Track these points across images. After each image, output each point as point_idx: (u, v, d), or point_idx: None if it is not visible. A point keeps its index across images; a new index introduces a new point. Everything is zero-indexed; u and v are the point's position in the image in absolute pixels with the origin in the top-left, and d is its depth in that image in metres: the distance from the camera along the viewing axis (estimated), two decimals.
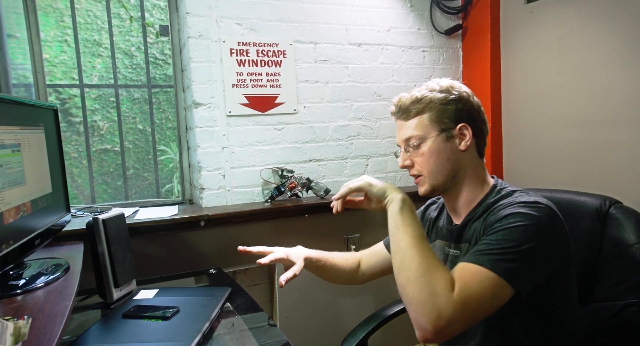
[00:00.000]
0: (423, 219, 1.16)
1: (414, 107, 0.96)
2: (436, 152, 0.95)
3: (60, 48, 2.17)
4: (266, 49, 1.82)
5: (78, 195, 2.32)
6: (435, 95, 0.95)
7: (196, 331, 0.97)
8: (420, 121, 0.95)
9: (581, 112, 1.80)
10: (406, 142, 0.98)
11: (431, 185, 0.97)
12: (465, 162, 0.96)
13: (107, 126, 2.13)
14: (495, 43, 2.10)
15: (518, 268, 0.79)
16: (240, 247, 1.14)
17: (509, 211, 0.85)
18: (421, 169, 0.97)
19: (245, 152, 1.81)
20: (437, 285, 0.77)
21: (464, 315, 0.76)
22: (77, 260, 1.17)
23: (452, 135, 0.95)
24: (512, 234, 0.81)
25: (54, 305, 0.85)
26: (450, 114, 0.94)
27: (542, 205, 0.84)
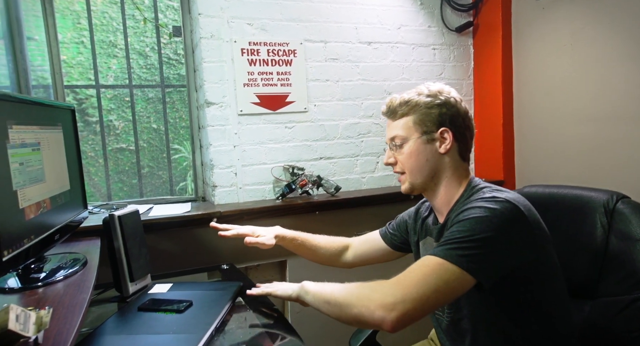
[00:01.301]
0: (416, 216, 1.19)
1: (401, 108, 1.01)
2: (416, 153, 1.00)
3: (77, 49, 2.22)
4: (277, 48, 1.84)
5: (95, 193, 2.37)
6: (421, 98, 1.00)
7: (208, 324, 1.00)
8: (405, 122, 1.01)
9: (593, 108, 1.79)
10: (391, 140, 1.04)
11: (410, 184, 1.04)
12: (444, 164, 1.01)
13: (123, 125, 2.18)
14: (507, 40, 2.09)
15: (471, 255, 0.81)
16: (212, 224, 1.28)
17: (466, 206, 0.89)
18: (402, 167, 1.03)
19: (257, 150, 1.83)
20: (370, 285, 0.84)
21: (409, 295, 0.78)
22: (94, 255, 1.21)
23: (433, 138, 1.00)
24: (466, 225, 0.85)
25: (73, 297, 0.89)
26: (433, 118, 0.99)
27: (501, 199, 0.87)
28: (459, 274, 0.80)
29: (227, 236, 1.26)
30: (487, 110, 2.20)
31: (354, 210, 1.90)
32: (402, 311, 0.78)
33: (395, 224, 1.28)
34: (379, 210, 1.94)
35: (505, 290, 0.90)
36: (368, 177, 2.04)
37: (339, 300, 0.87)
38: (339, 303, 0.87)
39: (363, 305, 0.81)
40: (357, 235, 1.92)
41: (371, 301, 0.81)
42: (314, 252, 1.31)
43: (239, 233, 1.26)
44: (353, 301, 0.84)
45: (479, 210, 0.86)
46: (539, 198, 1.27)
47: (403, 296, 0.78)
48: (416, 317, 0.79)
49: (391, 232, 1.28)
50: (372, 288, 0.84)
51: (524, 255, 0.86)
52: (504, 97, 2.11)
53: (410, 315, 0.78)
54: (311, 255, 1.33)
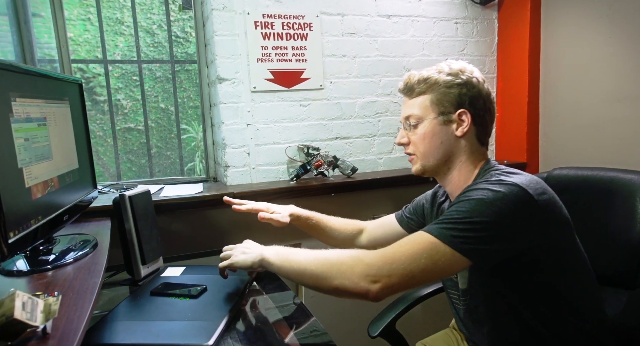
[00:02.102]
0: (433, 200, 1.14)
1: (419, 86, 0.96)
2: (430, 134, 0.95)
3: (83, 27, 2.15)
4: (292, 21, 1.75)
5: (104, 172, 2.34)
6: (441, 77, 0.94)
7: (224, 310, 0.95)
8: (421, 101, 0.95)
9: (629, 86, 1.67)
10: (405, 119, 0.99)
11: (422, 166, 0.98)
12: (459, 148, 0.96)
13: (131, 105, 2.12)
14: (536, 12, 1.96)
15: (466, 237, 0.78)
16: (226, 198, 1.23)
17: (470, 187, 0.86)
18: (415, 149, 0.98)
19: (270, 129, 1.76)
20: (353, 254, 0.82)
21: (395, 270, 0.77)
22: (105, 236, 1.16)
23: (450, 120, 0.94)
24: (465, 206, 0.81)
25: (83, 282, 0.84)
26: (451, 98, 0.93)
27: (508, 182, 0.82)
28: (450, 255, 0.78)
29: (241, 210, 1.22)
30: (511, 88, 2.10)
31: (370, 192, 1.84)
32: (386, 284, 0.77)
33: (412, 208, 1.23)
34: (396, 193, 1.88)
35: (516, 275, 0.85)
36: (385, 158, 1.97)
37: (315, 271, 0.84)
38: (315, 275, 0.84)
39: (345, 277, 0.80)
40: (372, 218, 1.87)
41: (354, 273, 0.79)
42: (328, 234, 1.27)
43: (253, 208, 1.22)
44: (333, 273, 0.82)
45: (482, 192, 0.82)
46: (570, 181, 1.20)
47: (389, 270, 0.78)
48: (400, 290, 0.80)
49: (408, 215, 1.23)
50: (356, 258, 0.81)
51: (531, 239, 0.81)
52: (530, 74, 2.00)
53: (395, 289, 0.78)
54: (325, 237, 1.29)
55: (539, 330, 0.88)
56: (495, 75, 2.16)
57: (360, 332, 1.62)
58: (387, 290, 0.77)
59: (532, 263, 0.84)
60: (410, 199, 1.90)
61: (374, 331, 1.19)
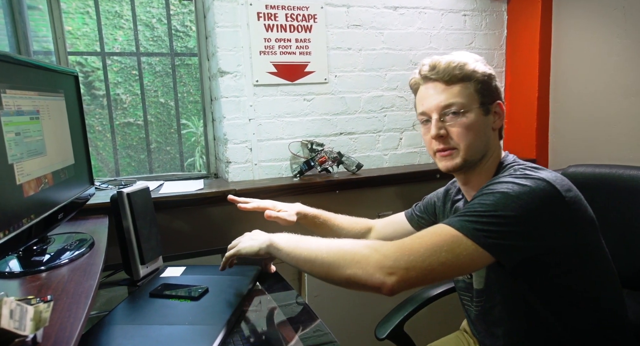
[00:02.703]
0: (445, 198, 1.10)
1: (460, 71, 0.87)
2: (477, 125, 0.88)
3: (82, 20, 2.10)
4: (295, 13, 1.69)
5: (103, 168, 2.29)
6: (479, 65, 0.89)
7: (226, 313, 0.91)
8: (464, 88, 0.88)
9: None
10: (444, 108, 0.88)
11: (464, 160, 0.89)
12: (493, 141, 0.93)
13: (130, 99, 2.08)
14: (547, 4, 1.90)
15: (490, 231, 0.73)
16: (230, 196, 1.19)
17: (494, 180, 0.81)
18: (458, 141, 0.89)
19: (273, 124, 1.71)
20: (368, 244, 0.77)
21: (413, 262, 0.72)
22: (102, 235, 1.12)
23: (490, 111, 0.90)
24: (490, 198, 0.76)
25: (78, 285, 0.80)
26: (492, 89, 0.90)
27: (534, 176, 0.78)
28: (473, 249, 0.73)
29: (247, 209, 1.18)
30: (520, 82, 2.04)
31: (375, 189, 1.79)
32: (403, 277, 0.72)
33: (423, 206, 1.18)
34: (402, 190, 1.83)
35: (539, 275, 0.81)
36: (390, 154, 1.92)
37: (327, 260, 0.79)
38: (326, 263, 0.79)
39: (359, 267, 0.74)
40: (379, 217, 1.82)
41: (369, 264, 0.74)
42: (336, 233, 1.22)
43: (259, 206, 1.18)
44: (346, 262, 0.76)
45: (508, 185, 0.77)
46: (587, 179, 1.15)
47: (407, 262, 0.72)
48: (417, 285, 0.74)
49: (418, 214, 1.18)
50: (371, 248, 0.76)
51: (557, 238, 0.77)
52: (540, 68, 1.95)
53: (412, 283, 0.73)
54: (332, 236, 1.23)
55: (559, 333, 0.83)
56: (504, 69, 2.11)
57: (367, 334, 1.58)
58: (404, 284, 0.72)
59: (556, 263, 0.80)
60: (416, 196, 1.86)
61: (381, 333, 1.15)
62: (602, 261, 0.85)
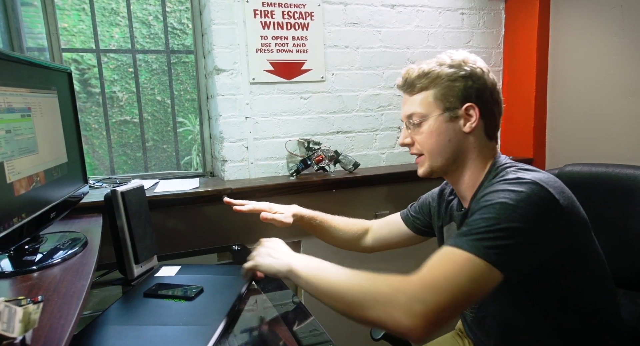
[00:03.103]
0: (440, 199, 1.08)
1: (420, 81, 0.88)
2: (437, 132, 0.88)
3: (78, 17, 2.08)
4: (292, 10, 1.68)
5: (99, 166, 2.28)
6: (443, 70, 0.87)
7: (222, 313, 0.90)
8: (424, 97, 0.88)
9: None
10: (408, 118, 0.92)
11: (430, 167, 0.92)
12: (468, 144, 0.90)
13: (126, 97, 2.06)
14: (545, 3, 1.90)
15: (498, 247, 0.71)
16: (226, 199, 1.16)
17: (488, 190, 0.79)
18: (421, 148, 0.92)
19: (270, 122, 1.70)
20: (390, 283, 0.71)
21: (440, 301, 0.67)
22: (96, 234, 1.10)
23: (457, 115, 0.88)
24: (490, 212, 0.74)
25: (70, 285, 0.78)
26: (457, 92, 0.87)
27: (527, 180, 0.76)
28: (487, 270, 0.70)
29: (243, 211, 1.16)
30: (518, 81, 2.04)
31: (372, 188, 1.78)
32: (433, 320, 0.66)
33: (418, 206, 1.17)
34: (399, 189, 1.83)
35: (536, 283, 0.79)
36: (388, 153, 1.91)
37: (347, 298, 0.75)
38: (348, 301, 0.75)
39: (384, 310, 0.69)
40: (376, 216, 1.82)
41: (395, 307, 0.68)
42: (332, 234, 1.22)
43: (255, 209, 1.16)
44: (369, 303, 0.71)
45: (504, 194, 0.75)
46: (583, 178, 1.14)
47: (435, 302, 0.66)
48: (445, 324, 0.69)
49: (413, 214, 1.17)
50: (394, 288, 0.70)
51: (556, 243, 0.76)
52: (538, 67, 1.94)
53: (441, 323, 0.67)
54: (329, 237, 1.23)
55: (552, 340, 0.83)
56: (502, 68, 2.10)
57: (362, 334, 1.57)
58: (434, 328, 0.66)
59: (553, 268, 0.79)
60: (413, 196, 1.85)
61: (377, 333, 1.14)
62: (597, 263, 0.84)
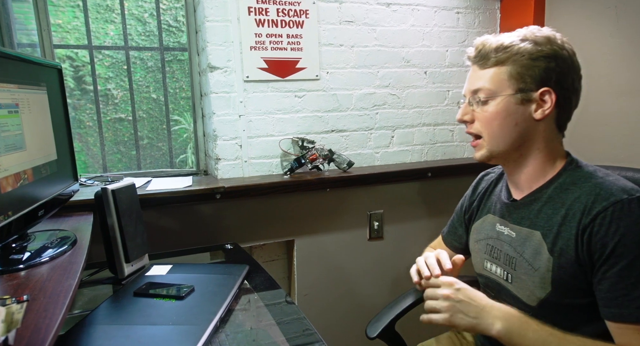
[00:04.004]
0: (474, 194, 1.04)
1: (496, 55, 0.80)
2: (504, 114, 0.80)
3: (72, 14, 2.06)
4: (287, 8, 1.67)
5: (94, 163, 2.26)
6: (525, 46, 0.79)
7: (212, 313, 0.89)
8: (497, 73, 0.80)
9: (638, 80, 1.61)
10: (473, 93, 0.83)
11: (489, 151, 0.84)
12: (536, 132, 0.82)
13: (121, 95, 2.05)
14: (540, 3, 1.90)
15: None
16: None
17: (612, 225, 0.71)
18: (481, 129, 0.83)
19: (264, 121, 1.69)
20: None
21: None
22: (86, 232, 1.09)
23: (530, 99, 0.80)
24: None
25: (57, 284, 0.77)
26: (535, 73, 0.79)
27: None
28: None
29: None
30: None
31: (366, 187, 1.77)
32: None
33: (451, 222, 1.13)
34: (394, 188, 1.82)
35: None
36: (382, 152, 1.90)
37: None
38: None
39: None
40: (370, 217, 1.81)
41: None
42: None
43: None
44: None
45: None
46: None
47: None
48: None
49: (450, 233, 1.12)
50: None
51: None
52: None
53: None
54: None
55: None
56: None
57: (357, 333, 1.57)
58: None
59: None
60: (408, 195, 1.85)
61: (372, 332, 1.13)
62: None
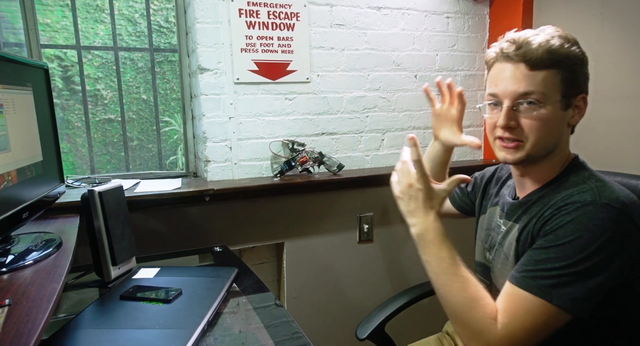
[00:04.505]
0: (491, 178, 1.04)
1: (549, 56, 0.75)
2: (552, 120, 0.77)
3: (62, 13, 2.04)
4: (278, 10, 1.67)
5: (82, 165, 2.23)
6: (573, 50, 0.76)
7: (200, 317, 0.88)
8: (549, 76, 0.75)
9: (623, 85, 1.64)
10: (521, 96, 0.76)
11: (528, 155, 0.79)
12: (564, 137, 0.82)
13: (111, 95, 2.03)
14: (528, 9, 1.92)
15: (573, 292, 0.69)
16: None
17: (566, 218, 0.72)
18: (528, 134, 0.78)
19: (254, 123, 1.69)
20: (479, 321, 0.73)
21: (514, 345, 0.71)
22: (72, 235, 1.07)
23: (571, 104, 0.79)
24: (567, 250, 0.70)
25: (41, 287, 0.76)
26: (580, 79, 0.78)
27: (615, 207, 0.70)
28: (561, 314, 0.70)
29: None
30: None
31: (357, 190, 1.78)
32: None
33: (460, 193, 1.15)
34: (384, 191, 1.82)
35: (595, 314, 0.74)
36: (372, 155, 1.91)
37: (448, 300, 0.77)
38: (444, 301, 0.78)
39: (464, 325, 0.75)
40: (360, 219, 1.81)
41: (474, 331, 0.73)
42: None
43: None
44: (457, 312, 0.75)
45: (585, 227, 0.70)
46: None
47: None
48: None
49: (459, 194, 1.15)
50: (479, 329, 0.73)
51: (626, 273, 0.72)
52: None
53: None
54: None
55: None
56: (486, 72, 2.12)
57: (347, 334, 1.56)
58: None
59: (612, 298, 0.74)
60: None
61: (362, 333, 1.14)
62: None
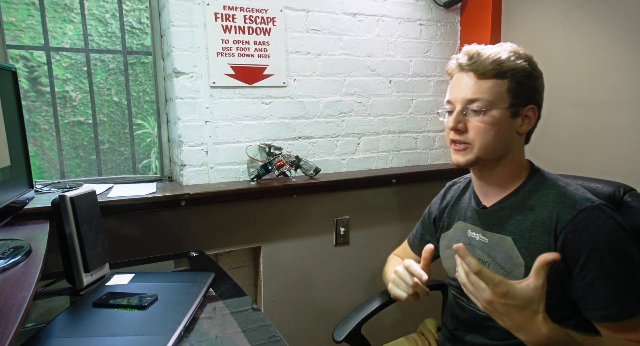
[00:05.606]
0: (442, 202, 1.08)
1: (495, 67, 0.82)
2: (498, 126, 0.84)
3: (27, 11, 1.98)
4: (254, 15, 1.67)
5: (50, 169, 2.16)
6: (521, 63, 0.84)
7: (176, 323, 0.87)
8: (496, 85, 0.83)
9: (584, 93, 1.73)
10: (469, 102, 0.84)
11: (476, 157, 0.86)
12: (515, 144, 0.88)
13: (80, 97, 1.98)
14: (496, 18, 2.00)
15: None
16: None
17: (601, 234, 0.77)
18: (474, 138, 0.85)
19: (230, 127, 1.68)
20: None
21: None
22: (41, 241, 1.05)
23: (518, 114, 0.85)
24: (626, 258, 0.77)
25: (10, 297, 0.74)
26: (527, 91, 0.85)
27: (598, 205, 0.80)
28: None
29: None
30: None
31: (333, 193, 1.80)
32: None
33: (421, 226, 1.16)
34: (360, 194, 1.85)
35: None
36: (348, 158, 1.93)
37: None
38: None
39: None
40: (336, 223, 1.83)
41: None
42: None
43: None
44: None
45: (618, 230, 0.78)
46: None
47: None
48: None
49: (419, 238, 1.16)
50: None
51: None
52: None
53: None
54: None
55: None
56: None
57: (324, 337, 1.58)
58: None
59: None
60: (373, 202, 1.89)
61: (339, 335, 1.15)
62: None
